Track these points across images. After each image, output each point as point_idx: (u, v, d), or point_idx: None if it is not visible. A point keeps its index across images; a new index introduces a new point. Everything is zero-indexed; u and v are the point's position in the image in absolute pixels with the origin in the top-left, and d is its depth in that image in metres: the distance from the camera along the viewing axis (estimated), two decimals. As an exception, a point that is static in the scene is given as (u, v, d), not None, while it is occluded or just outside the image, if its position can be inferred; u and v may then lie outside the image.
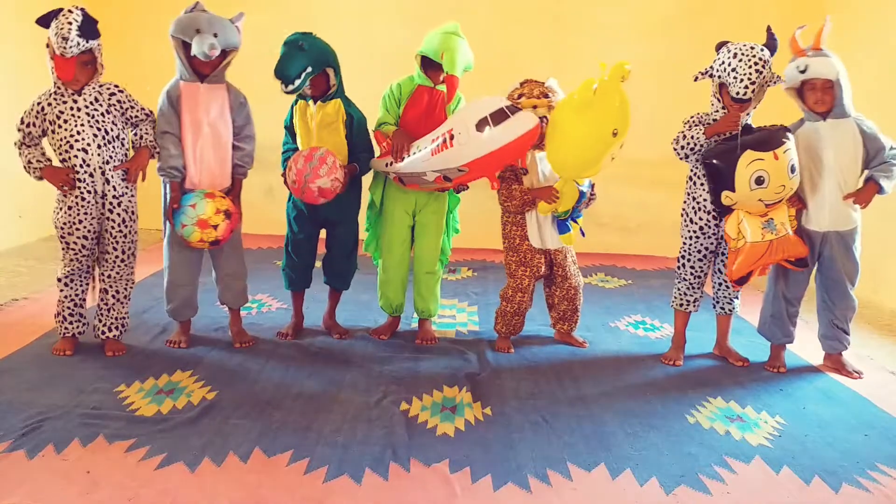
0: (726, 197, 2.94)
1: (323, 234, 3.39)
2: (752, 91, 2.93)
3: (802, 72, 2.99)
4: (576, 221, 3.25)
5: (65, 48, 2.74)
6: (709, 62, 3.08)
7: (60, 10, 2.79)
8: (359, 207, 3.37)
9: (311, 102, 3.13)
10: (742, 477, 2.36)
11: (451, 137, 2.86)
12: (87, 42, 2.81)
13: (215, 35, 2.91)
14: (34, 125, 2.89)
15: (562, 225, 3.24)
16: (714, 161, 2.97)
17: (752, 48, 2.93)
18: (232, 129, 3.11)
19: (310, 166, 2.94)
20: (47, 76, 2.87)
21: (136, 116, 3.03)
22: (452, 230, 3.53)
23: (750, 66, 2.90)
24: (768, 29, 3.02)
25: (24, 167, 2.94)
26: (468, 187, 3.19)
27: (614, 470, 2.36)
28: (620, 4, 5.41)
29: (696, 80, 3.10)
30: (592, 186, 3.23)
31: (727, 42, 3.03)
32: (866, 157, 3.05)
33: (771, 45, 3.00)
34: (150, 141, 3.04)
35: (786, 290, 3.25)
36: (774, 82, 3.00)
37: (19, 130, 2.91)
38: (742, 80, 2.91)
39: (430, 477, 2.28)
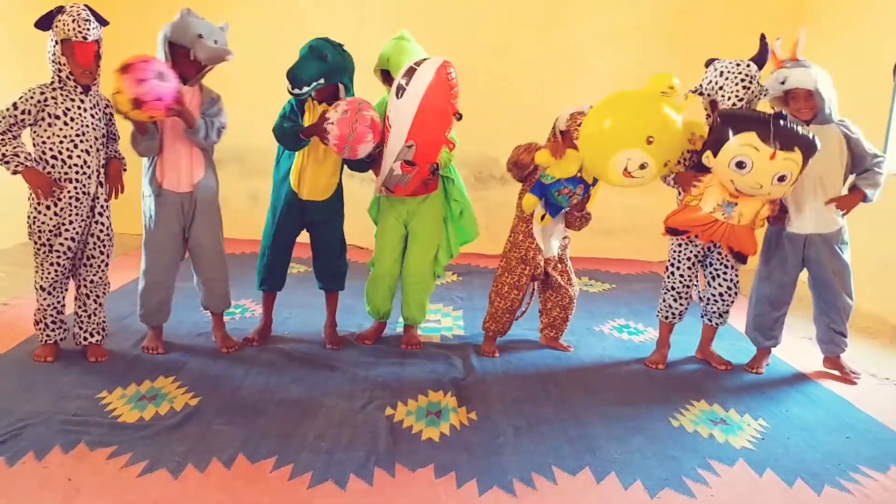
0: (707, 157, 2.87)
1: (306, 239, 3.36)
2: (741, 108, 2.96)
3: (782, 83, 3.07)
4: (558, 209, 3.20)
5: (88, 31, 2.76)
6: (692, 68, 3.10)
7: (61, 7, 2.77)
8: (342, 211, 3.33)
9: (315, 103, 3.10)
10: (726, 479, 2.38)
11: (388, 119, 2.93)
12: (101, 27, 2.85)
13: (216, 42, 2.90)
14: (28, 113, 2.77)
15: (554, 208, 3.18)
16: (724, 119, 2.83)
17: (738, 65, 2.97)
18: None
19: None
20: (25, 77, 2.83)
21: (113, 133, 3.01)
22: (460, 239, 3.41)
23: (737, 84, 2.93)
24: (762, 38, 3.03)
25: (3, 155, 2.73)
26: (438, 167, 3.11)
27: (599, 474, 2.37)
28: (610, 9, 5.47)
29: (685, 97, 3.12)
30: (588, 192, 3.14)
31: (715, 59, 3.07)
32: (851, 162, 3.10)
33: (761, 55, 3.02)
34: (121, 156, 3.04)
35: (770, 294, 3.28)
36: (764, 96, 3.04)
37: (9, 116, 2.74)
38: (730, 99, 2.95)
39: (415, 482, 2.28)
